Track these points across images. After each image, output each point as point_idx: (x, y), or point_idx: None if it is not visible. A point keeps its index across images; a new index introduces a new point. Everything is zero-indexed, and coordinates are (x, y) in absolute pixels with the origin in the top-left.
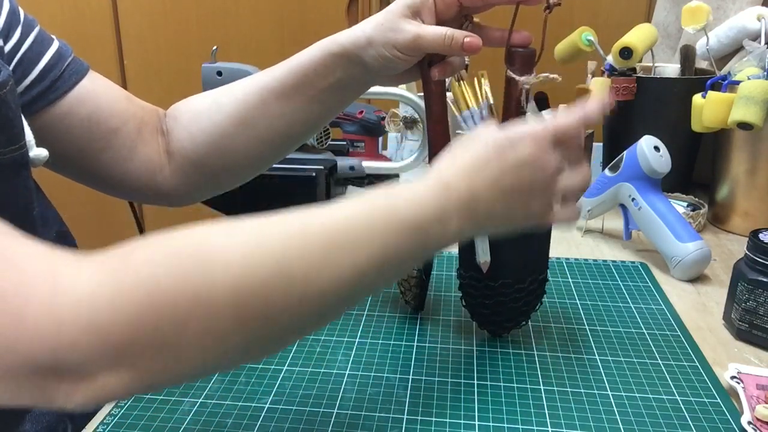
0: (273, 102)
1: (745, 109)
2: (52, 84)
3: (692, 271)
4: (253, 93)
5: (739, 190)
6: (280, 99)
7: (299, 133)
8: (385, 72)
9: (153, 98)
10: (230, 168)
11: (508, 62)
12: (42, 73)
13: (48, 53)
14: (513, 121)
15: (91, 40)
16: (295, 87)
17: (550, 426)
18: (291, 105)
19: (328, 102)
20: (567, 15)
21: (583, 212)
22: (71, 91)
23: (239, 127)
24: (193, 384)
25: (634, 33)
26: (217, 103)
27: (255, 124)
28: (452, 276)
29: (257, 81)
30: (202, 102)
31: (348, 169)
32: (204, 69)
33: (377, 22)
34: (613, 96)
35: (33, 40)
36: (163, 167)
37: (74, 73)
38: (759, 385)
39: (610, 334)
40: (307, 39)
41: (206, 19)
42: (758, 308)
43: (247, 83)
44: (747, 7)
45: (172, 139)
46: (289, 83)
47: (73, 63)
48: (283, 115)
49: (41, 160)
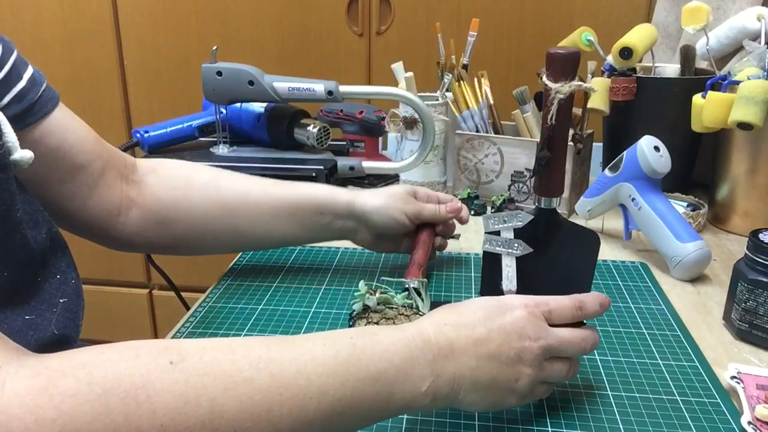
0: (266, 211)
1: (745, 109)
2: (30, 107)
3: (692, 271)
4: (255, 194)
5: (739, 190)
6: (273, 211)
7: (267, 243)
8: (378, 233)
9: (153, 98)
10: (192, 240)
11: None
12: (19, 94)
13: (25, 76)
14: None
15: (91, 40)
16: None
17: (550, 426)
18: (279, 221)
19: (309, 234)
20: (567, 15)
21: (584, 212)
22: (46, 117)
23: (224, 213)
24: None
25: (634, 33)
26: (214, 182)
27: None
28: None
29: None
30: (200, 174)
31: (348, 169)
32: (204, 69)
33: (389, 193)
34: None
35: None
36: (119, 213)
37: (49, 99)
38: (759, 385)
39: (610, 334)
40: (307, 39)
41: (206, 19)
42: (758, 308)
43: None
44: (747, 7)
45: (146, 192)
46: (287, 202)
47: (47, 90)
48: (267, 224)
49: (27, 162)
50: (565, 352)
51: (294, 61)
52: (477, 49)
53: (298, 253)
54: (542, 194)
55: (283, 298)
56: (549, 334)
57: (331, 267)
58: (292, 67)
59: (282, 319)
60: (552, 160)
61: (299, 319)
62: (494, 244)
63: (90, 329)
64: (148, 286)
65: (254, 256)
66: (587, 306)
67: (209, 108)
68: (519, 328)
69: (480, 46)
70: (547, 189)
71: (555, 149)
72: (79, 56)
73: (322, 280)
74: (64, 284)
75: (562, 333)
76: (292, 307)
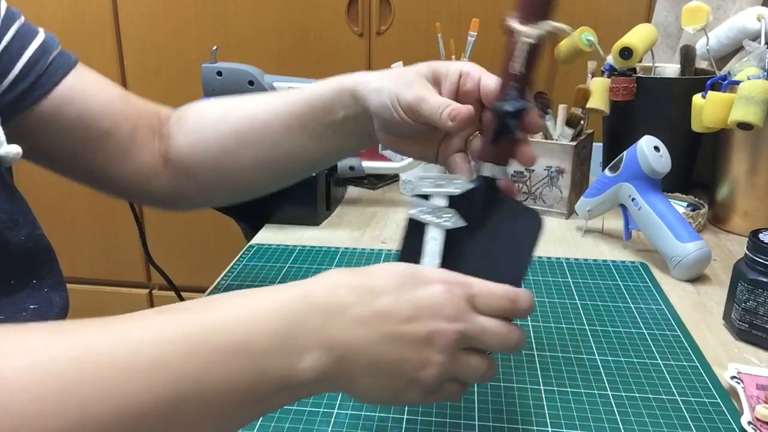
0: (276, 129)
1: (745, 109)
2: (37, 80)
3: (692, 271)
4: (261, 114)
5: (739, 190)
6: (283, 127)
7: (293, 170)
8: (387, 128)
9: (153, 98)
10: (223, 186)
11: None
12: (25, 68)
13: (31, 47)
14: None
15: (91, 40)
16: (300, 117)
17: (550, 426)
18: (292, 137)
19: (327, 143)
20: (567, 15)
21: (584, 212)
22: (57, 86)
23: (239, 145)
24: None
25: (634, 33)
26: (225, 113)
27: (254, 146)
28: None
29: (267, 102)
30: (211, 109)
31: (348, 169)
32: (204, 69)
33: (396, 72)
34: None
35: (14, 34)
36: (158, 173)
37: (60, 66)
38: (759, 385)
39: (610, 334)
40: (307, 39)
41: (206, 19)
42: (758, 308)
43: (258, 102)
44: (747, 7)
45: (171, 144)
46: (295, 112)
47: (59, 56)
48: (282, 144)
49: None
50: (485, 344)
51: (294, 61)
52: (477, 49)
53: (299, 253)
54: (489, 160)
55: None
56: (469, 319)
57: (331, 267)
58: (292, 67)
59: None
60: None
61: None
62: (422, 211)
63: None
64: (148, 286)
65: (254, 256)
66: (520, 301)
67: None
68: (435, 305)
69: (480, 46)
70: (497, 154)
71: None
72: (79, 56)
73: None
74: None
75: (485, 321)
76: None
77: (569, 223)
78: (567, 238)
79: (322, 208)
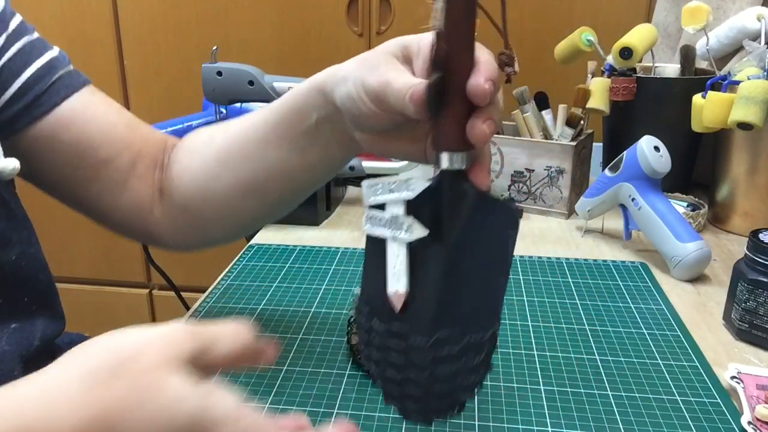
0: (255, 144)
1: (745, 109)
2: (36, 99)
3: (692, 271)
4: (240, 132)
5: (739, 190)
6: (261, 142)
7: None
8: (359, 125)
9: (153, 98)
10: (213, 218)
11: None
12: (24, 86)
13: (34, 65)
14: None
15: (91, 40)
16: (276, 127)
17: (550, 426)
18: (271, 151)
19: (308, 154)
20: (567, 15)
21: (584, 212)
22: (58, 107)
23: (221, 169)
24: None
25: (634, 33)
26: (211, 137)
27: (235, 167)
28: None
29: (249, 118)
30: (201, 135)
31: (348, 169)
32: (204, 69)
33: (362, 57)
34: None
35: (16, 51)
36: (153, 207)
37: (63, 87)
38: (759, 385)
39: (610, 334)
40: (307, 39)
41: (206, 19)
42: (758, 308)
43: (244, 120)
44: (747, 7)
45: (165, 175)
46: (271, 122)
47: (65, 77)
48: (262, 161)
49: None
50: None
51: (294, 61)
52: None
53: (298, 253)
54: (442, 148)
55: (283, 298)
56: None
57: (331, 267)
58: (292, 67)
59: (282, 319)
60: (449, 87)
61: (299, 319)
62: (376, 224)
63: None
64: (148, 286)
65: (254, 256)
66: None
67: (209, 108)
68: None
69: None
70: (449, 138)
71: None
72: (79, 56)
73: (322, 280)
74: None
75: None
76: (292, 307)
77: (569, 223)
78: (567, 238)
79: (322, 208)
